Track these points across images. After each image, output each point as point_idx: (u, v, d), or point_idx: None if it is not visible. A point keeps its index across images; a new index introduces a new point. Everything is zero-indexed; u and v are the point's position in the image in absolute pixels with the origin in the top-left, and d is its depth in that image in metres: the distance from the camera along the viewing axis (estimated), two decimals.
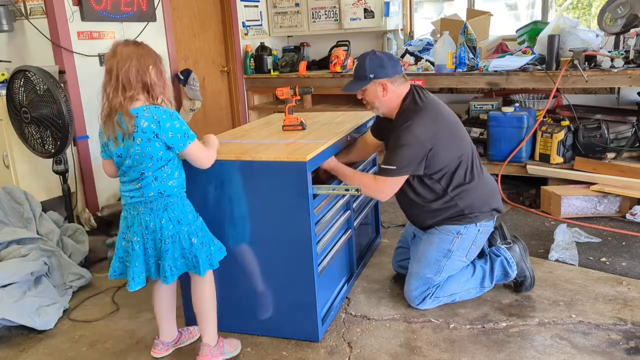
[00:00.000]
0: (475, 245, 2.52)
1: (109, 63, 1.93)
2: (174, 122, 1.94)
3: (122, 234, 2.10)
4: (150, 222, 2.00)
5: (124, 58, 1.90)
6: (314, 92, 2.79)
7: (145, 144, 1.91)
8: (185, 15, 4.70)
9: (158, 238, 2.01)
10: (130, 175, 1.99)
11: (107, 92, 1.92)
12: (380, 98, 2.45)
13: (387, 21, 5.00)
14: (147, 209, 2.00)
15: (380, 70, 2.40)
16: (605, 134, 3.82)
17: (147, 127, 1.90)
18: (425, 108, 2.42)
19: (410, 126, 2.35)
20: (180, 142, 1.95)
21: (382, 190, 2.43)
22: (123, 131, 1.91)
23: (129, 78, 1.90)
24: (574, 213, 3.60)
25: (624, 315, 2.38)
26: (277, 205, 2.19)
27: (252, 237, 2.26)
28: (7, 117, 3.34)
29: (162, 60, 2.02)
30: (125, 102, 1.89)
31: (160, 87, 1.97)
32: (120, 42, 1.97)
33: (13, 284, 2.55)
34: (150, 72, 1.94)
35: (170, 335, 2.29)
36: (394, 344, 2.27)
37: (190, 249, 2.05)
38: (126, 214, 2.06)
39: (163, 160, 1.97)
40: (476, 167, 2.50)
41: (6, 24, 3.57)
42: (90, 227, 3.64)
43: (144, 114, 1.90)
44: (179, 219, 2.03)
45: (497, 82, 4.11)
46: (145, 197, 1.99)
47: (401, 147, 2.36)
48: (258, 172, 2.17)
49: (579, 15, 6.27)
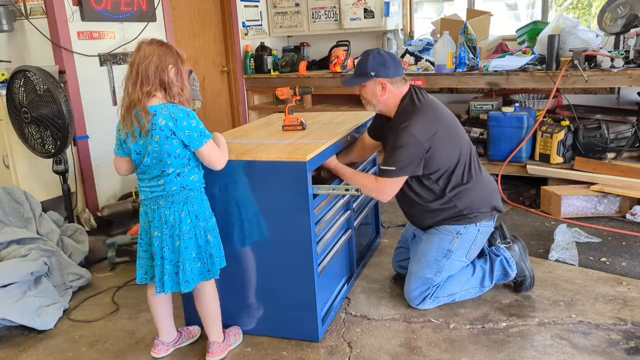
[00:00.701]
0: (475, 245, 2.52)
1: (132, 58, 2.01)
2: (190, 121, 1.97)
3: (143, 231, 2.12)
4: (170, 215, 2.02)
5: (145, 55, 1.97)
6: (314, 92, 2.79)
7: (163, 142, 1.95)
8: (185, 15, 4.70)
9: (176, 234, 2.03)
10: (152, 173, 2.02)
11: (127, 86, 1.99)
12: (378, 97, 2.45)
13: (387, 21, 5.00)
14: (167, 202, 2.02)
15: (382, 69, 2.41)
16: (605, 134, 3.82)
17: (164, 125, 1.93)
18: (424, 108, 2.42)
19: (408, 127, 2.35)
20: (197, 140, 1.98)
21: (383, 191, 2.44)
22: (140, 126, 1.94)
23: (148, 74, 1.95)
24: (574, 213, 3.60)
25: (624, 315, 2.38)
26: (277, 205, 2.19)
27: (252, 237, 2.26)
28: (7, 117, 3.34)
29: (185, 62, 2.06)
30: (142, 97, 1.94)
31: (177, 87, 2.01)
32: (146, 40, 2.03)
33: (13, 284, 2.55)
34: (169, 71, 1.98)
35: (170, 335, 2.29)
36: (394, 344, 2.27)
37: (206, 246, 2.08)
38: (146, 209, 2.08)
39: (181, 158, 2.00)
40: (474, 167, 2.50)
41: (6, 24, 3.57)
42: (90, 227, 3.64)
43: (161, 112, 1.94)
44: (197, 214, 2.06)
45: (497, 82, 4.11)
46: (167, 191, 2.02)
47: (400, 148, 2.36)
48: (258, 172, 2.18)
49: (579, 15, 6.27)
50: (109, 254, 3.23)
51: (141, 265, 2.15)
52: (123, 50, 3.95)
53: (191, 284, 2.06)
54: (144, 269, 2.14)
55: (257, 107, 5.43)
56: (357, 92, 2.53)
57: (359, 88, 2.49)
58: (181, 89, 2.02)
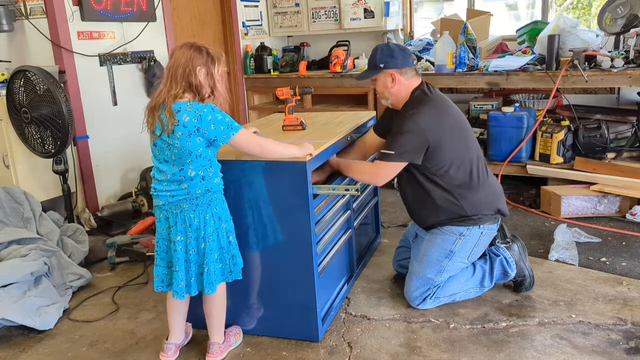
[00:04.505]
0: (478, 247, 2.52)
1: (167, 64, 2.04)
2: (215, 115, 1.96)
3: (160, 238, 2.10)
4: (195, 218, 2.02)
5: (176, 58, 1.99)
6: (314, 92, 2.79)
7: (185, 139, 1.94)
8: (185, 15, 4.70)
9: (201, 236, 2.03)
10: (169, 169, 2.00)
11: (160, 88, 2.01)
12: (389, 88, 2.48)
13: (387, 21, 5.00)
14: (192, 205, 2.02)
15: (390, 60, 2.44)
16: (605, 134, 3.82)
17: (188, 121, 1.93)
18: (433, 100, 2.44)
19: (414, 114, 2.37)
20: (224, 134, 1.97)
21: (378, 174, 2.45)
22: (163, 126, 1.95)
23: (177, 77, 1.97)
24: (574, 213, 3.60)
25: (624, 315, 2.38)
26: (277, 205, 2.19)
27: (252, 237, 2.26)
28: (7, 117, 3.34)
29: (220, 65, 2.05)
30: (169, 100, 1.95)
31: (207, 89, 2.01)
32: (179, 44, 2.05)
33: (13, 284, 2.56)
34: (198, 73, 1.98)
35: (180, 336, 2.28)
36: (394, 344, 2.27)
37: (229, 247, 2.10)
38: (167, 214, 2.06)
39: (202, 158, 1.99)
40: (481, 170, 2.50)
41: (6, 24, 3.57)
42: (90, 227, 3.64)
43: (186, 109, 1.94)
44: (219, 215, 2.07)
45: (497, 82, 4.11)
46: (192, 194, 2.01)
47: (402, 134, 2.37)
48: (258, 172, 2.18)
49: (579, 15, 6.26)
50: (109, 254, 3.23)
51: (158, 273, 2.12)
52: (123, 50, 3.95)
53: (214, 286, 2.07)
54: (160, 277, 2.12)
55: (257, 107, 5.43)
56: (371, 86, 2.60)
57: (372, 82, 2.53)
58: (212, 90, 2.02)
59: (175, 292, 2.07)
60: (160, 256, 2.11)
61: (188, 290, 2.08)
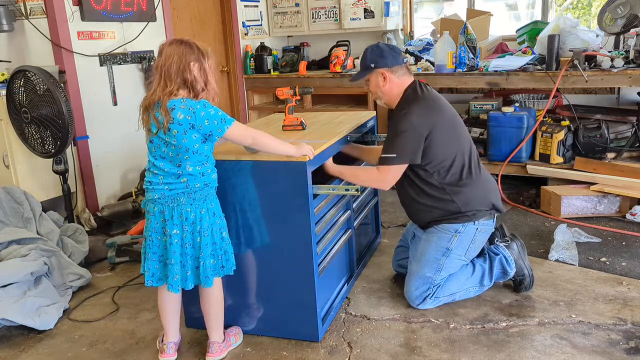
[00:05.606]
0: (474, 244, 2.52)
1: (156, 62, 2.02)
2: (208, 110, 1.96)
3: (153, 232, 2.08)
4: (191, 212, 2.03)
5: (167, 56, 1.97)
6: (314, 92, 2.79)
7: (181, 136, 1.95)
8: (185, 15, 4.70)
9: (197, 230, 2.04)
10: (166, 165, 2.00)
11: (153, 87, 2.00)
12: (381, 87, 2.51)
13: (387, 21, 5.00)
14: (189, 199, 2.03)
15: (380, 60, 2.47)
16: (605, 134, 3.82)
17: (182, 119, 1.93)
18: (425, 98, 2.46)
19: (407, 114, 2.39)
20: (218, 127, 1.98)
21: (384, 179, 2.46)
22: (158, 124, 1.95)
23: (170, 74, 1.96)
24: (574, 213, 3.60)
25: (624, 315, 2.38)
26: (277, 205, 2.19)
27: (252, 237, 2.26)
28: (7, 117, 3.34)
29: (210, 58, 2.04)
30: (164, 97, 1.95)
31: (201, 83, 2.01)
32: (166, 42, 2.03)
33: (13, 284, 2.55)
34: (192, 69, 1.98)
35: (176, 334, 2.28)
36: (394, 344, 2.27)
37: (221, 243, 2.11)
38: (162, 208, 2.05)
39: (199, 154, 2.00)
40: (474, 165, 2.51)
41: (6, 24, 3.57)
42: (90, 227, 3.64)
43: (180, 106, 1.94)
44: (214, 211, 2.09)
45: (497, 82, 4.11)
46: (190, 188, 2.02)
47: (399, 135, 2.38)
48: (258, 172, 2.18)
49: (579, 15, 6.26)
50: (109, 254, 3.23)
51: (148, 267, 2.11)
52: (123, 50, 3.95)
53: (210, 280, 2.07)
54: (151, 271, 2.11)
55: (257, 107, 5.43)
56: (365, 87, 2.61)
57: (367, 84, 2.56)
58: (205, 84, 2.02)
59: (170, 285, 2.06)
60: (153, 250, 2.10)
61: (184, 284, 2.07)
